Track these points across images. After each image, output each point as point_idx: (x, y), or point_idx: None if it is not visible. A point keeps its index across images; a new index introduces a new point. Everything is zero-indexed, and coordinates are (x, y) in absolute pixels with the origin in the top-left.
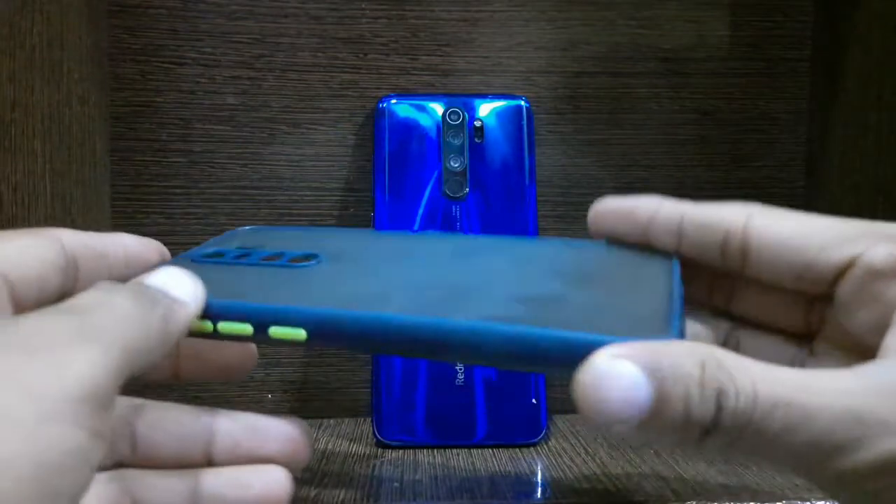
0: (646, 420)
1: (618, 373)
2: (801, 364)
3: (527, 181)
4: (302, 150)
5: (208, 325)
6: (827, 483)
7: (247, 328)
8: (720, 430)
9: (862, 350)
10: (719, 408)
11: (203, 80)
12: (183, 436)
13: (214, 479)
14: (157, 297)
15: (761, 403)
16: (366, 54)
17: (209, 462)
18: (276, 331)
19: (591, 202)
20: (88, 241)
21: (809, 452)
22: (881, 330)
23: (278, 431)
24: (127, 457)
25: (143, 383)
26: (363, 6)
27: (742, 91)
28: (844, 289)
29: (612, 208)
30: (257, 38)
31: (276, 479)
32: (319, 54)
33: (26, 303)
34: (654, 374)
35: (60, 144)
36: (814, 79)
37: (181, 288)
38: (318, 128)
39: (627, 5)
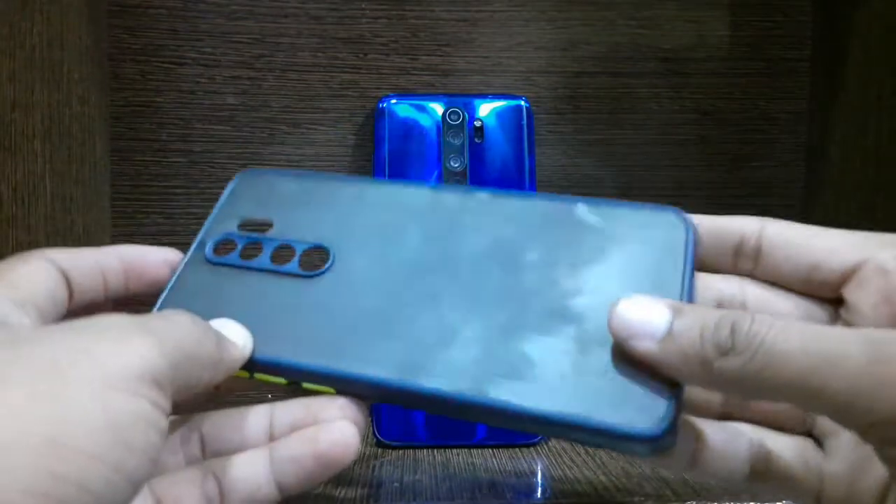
0: (665, 340)
1: (643, 300)
2: None
3: (527, 181)
4: (302, 150)
5: (245, 373)
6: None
7: (281, 381)
8: (735, 350)
9: None
10: (733, 330)
11: (203, 80)
12: (245, 426)
13: (285, 444)
14: (212, 328)
15: (767, 342)
16: (366, 54)
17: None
18: (308, 386)
19: None
20: (79, 257)
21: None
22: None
23: (332, 403)
24: (197, 458)
25: None
26: (363, 6)
27: (742, 91)
28: (853, 290)
29: None
30: (257, 38)
31: (341, 430)
32: (319, 54)
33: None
34: (675, 307)
35: (60, 144)
36: (814, 79)
37: (235, 333)
38: (318, 128)
39: (627, 5)
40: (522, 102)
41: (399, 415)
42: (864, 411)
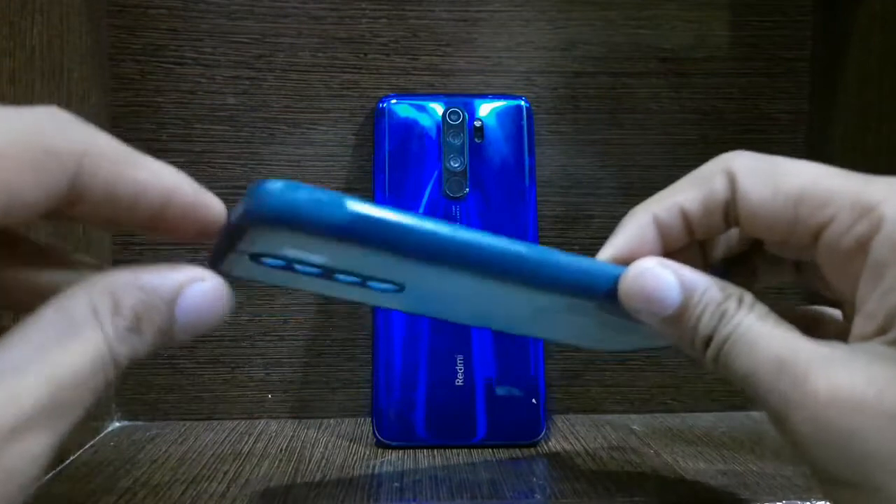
0: (668, 320)
1: (658, 274)
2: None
3: (527, 181)
4: (302, 150)
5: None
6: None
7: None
8: (712, 346)
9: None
10: (715, 329)
11: (203, 80)
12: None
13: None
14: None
15: (735, 334)
16: (366, 54)
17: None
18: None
19: (591, 202)
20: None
21: (755, 380)
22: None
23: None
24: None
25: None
26: (363, 6)
27: (742, 91)
28: (818, 258)
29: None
30: (257, 38)
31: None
32: (319, 54)
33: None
34: (686, 287)
35: None
36: (814, 79)
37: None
38: (319, 128)
39: (627, 5)
40: (522, 102)
41: (399, 415)
42: (808, 461)
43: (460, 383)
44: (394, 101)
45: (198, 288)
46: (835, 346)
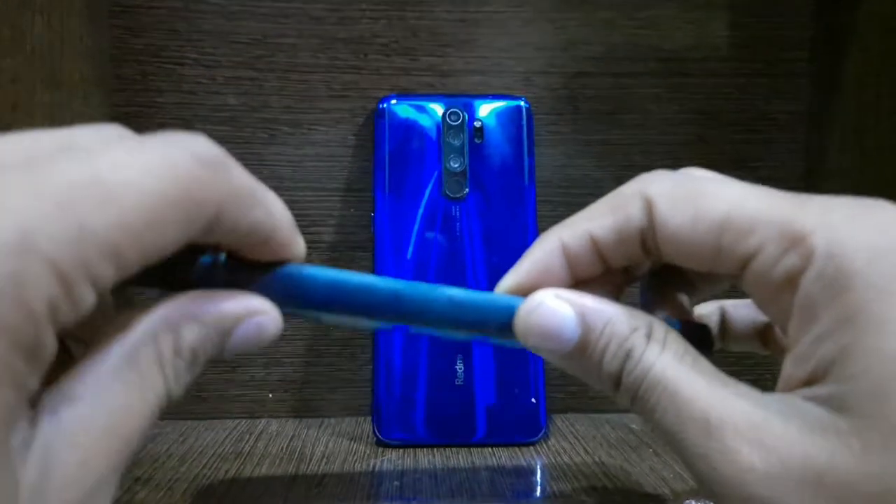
0: (568, 356)
1: (553, 307)
2: None
3: (526, 181)
4: (302, 151)
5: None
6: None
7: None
8: (623, 386)
9: None
10: (622, 368)
11: (204, 81)
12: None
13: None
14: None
15: (650, 378)
16: (366, 55)
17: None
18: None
19: (591, 202)
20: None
21: (673, 435)
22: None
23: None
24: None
25: None
26: (363, 7)
27: (742, 91)
28: (746, 288)
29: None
30: (258, 39)
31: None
32: (320, 55)
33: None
34: (585, 321)
35: None
36: (813, 79)
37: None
38: (319, 128)
39: (627, 5)
40: (522, 103)
41: (399, 414)
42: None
43: (460, 382)
44: (394, 101)
45: (255, 322)
46: (765, 405)
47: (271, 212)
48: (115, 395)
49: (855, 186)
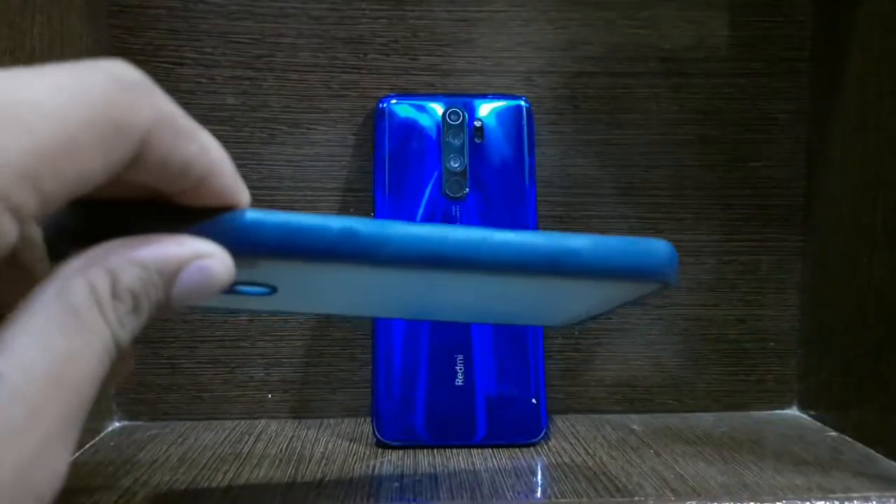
0: None
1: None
2: None
3: (527, 181)
4: (302, 150)
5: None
6: None
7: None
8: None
9: None
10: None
11: (203, 81)
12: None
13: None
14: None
15: None
16: (366, 54)
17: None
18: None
19: (592, 202)
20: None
21: None
22: None
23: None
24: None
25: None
26: (363, 6)
27: (742, 91)
28: None
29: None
30: (257, 39)
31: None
32: (319, 54)
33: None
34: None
35: None
36: (813, 79)
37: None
38: (318, 128)
39: (627, 5)
40: (522, 102)
41: (399, 415)
42: None
43: (460, 383)
44: (394, 101)
45: (201, 265)
46: None
47: (207, 148)
48: (53, 340)
49: (856, 187)
